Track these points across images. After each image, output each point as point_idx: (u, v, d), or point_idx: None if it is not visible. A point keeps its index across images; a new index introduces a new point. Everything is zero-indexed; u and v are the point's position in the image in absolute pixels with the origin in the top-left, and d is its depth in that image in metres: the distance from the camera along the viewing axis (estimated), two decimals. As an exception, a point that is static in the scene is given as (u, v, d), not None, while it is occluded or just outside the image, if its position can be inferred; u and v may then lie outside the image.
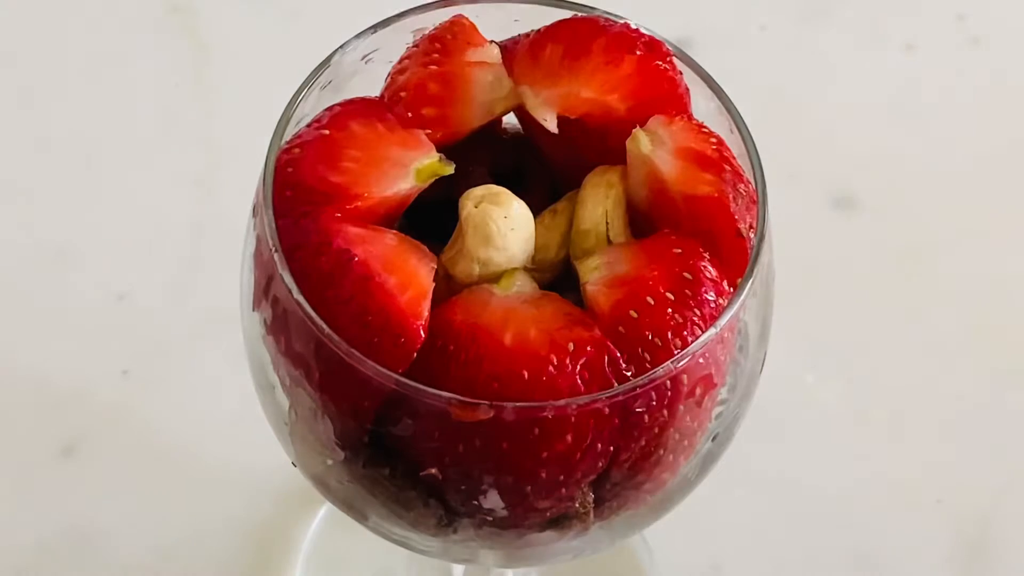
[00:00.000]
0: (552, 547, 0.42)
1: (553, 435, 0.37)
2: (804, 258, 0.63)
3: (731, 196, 0.40)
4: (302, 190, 0.40)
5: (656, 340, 0.38)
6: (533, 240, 0.41)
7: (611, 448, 0.38)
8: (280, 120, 0.41)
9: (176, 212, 0.67)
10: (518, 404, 0.37)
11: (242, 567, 0.58)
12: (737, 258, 0.40)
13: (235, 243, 0.43)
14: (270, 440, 0.44)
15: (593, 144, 0.42)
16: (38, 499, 0.59)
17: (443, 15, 0.43)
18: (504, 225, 0.39)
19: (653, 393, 0.38)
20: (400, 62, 0.43)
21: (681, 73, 0.42)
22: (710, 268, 0.39)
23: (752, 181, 0.41)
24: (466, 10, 0.43)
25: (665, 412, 0.38)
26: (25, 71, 0.70)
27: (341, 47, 0.43)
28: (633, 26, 0.42)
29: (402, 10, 0.43)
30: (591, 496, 0.40)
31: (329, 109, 0.41)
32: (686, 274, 0.39)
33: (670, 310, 0.38)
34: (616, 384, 0.37)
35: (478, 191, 0.40)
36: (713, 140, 0.42)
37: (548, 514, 0.40)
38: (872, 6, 0.75)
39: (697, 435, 0.40)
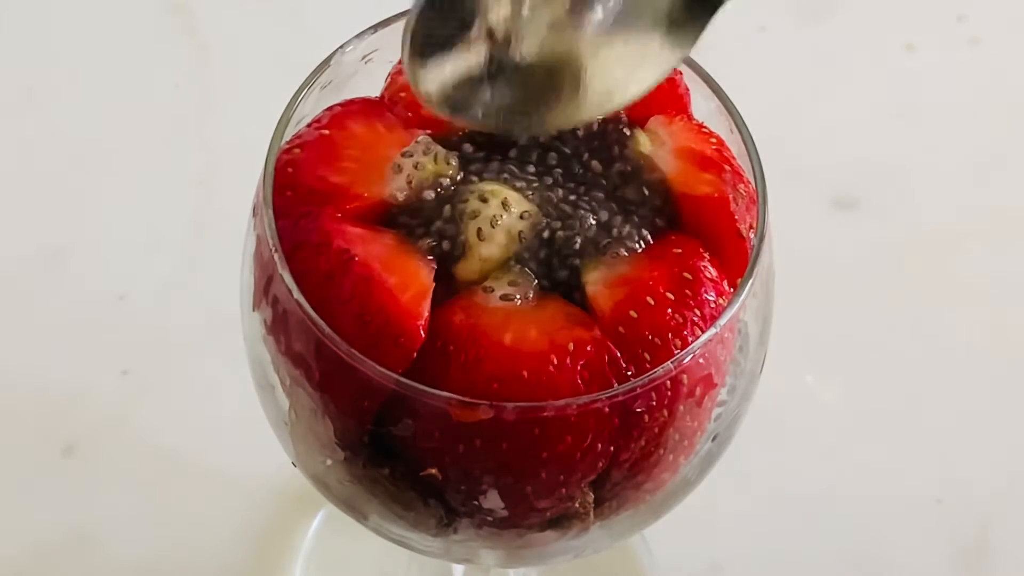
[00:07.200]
0: (552, 547, 0.42)
1: (553, 435, 0.37)
2: (804, 258, 0.63)
3: (731, 196, 0.40)
4: (302, 190, 0.40)
5: (656, 340, 0.38)
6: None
7: (611, 448, 0.38)
8: (280, 120, 0.41)
9: (176, 212, 0.67)
10: (518, 404, 0.37)
11: (242, 567, 0.58)
12: (737, 258, 0.40)
13: (235, 243, 0.43)
14: (270, 440, 0.44)
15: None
16: (38, 499, 0.59)
17: (443, 15, 0.43)
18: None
19: (653, 393, 0.38)
20: (400, 62, 0.43)
21: (681, 73, 0.42)
22: (710, 268, 0.39)
23: (752, 181, 0.41)
24: (466, 10, 0.43)
25: (665, 412, 0.38)
26: (25, 71, 0.70)
27: (341, 47, 0.43)
28: (633, 26, 0.42)
29: (402, 10, 0.43)
30: (591, 496, 0.40)
31: (329, 109, 0.41)
32: (686, 274, 0.39)
33: (670, 310, 0.38)
34: (616, 384, 0.37)
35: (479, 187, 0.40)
36: (713, 140, 0.42)
37: (548, 514, 0.40)
38: (872, 6, 0.75)
39: (697, 435, 0.40)
